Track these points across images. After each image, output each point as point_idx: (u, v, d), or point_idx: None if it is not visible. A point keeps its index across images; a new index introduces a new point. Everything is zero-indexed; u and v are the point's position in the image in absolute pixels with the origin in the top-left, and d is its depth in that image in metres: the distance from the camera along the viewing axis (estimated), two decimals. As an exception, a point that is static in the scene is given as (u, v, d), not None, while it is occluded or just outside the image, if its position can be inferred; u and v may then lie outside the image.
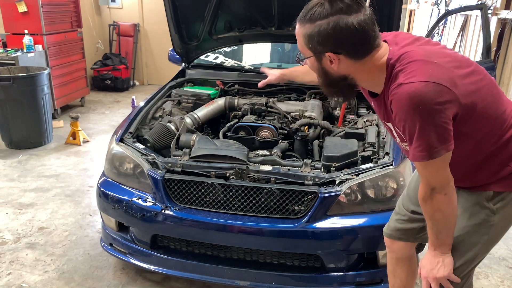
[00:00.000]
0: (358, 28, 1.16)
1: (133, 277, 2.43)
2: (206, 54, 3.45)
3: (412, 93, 1.11)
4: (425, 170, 1.23)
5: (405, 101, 1.13)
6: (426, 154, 1.16)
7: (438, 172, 1.22)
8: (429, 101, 1.11)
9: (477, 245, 1.36)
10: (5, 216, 3.08)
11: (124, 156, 2.25)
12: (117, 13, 7.46)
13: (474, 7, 4.54)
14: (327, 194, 1.93)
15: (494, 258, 2.67)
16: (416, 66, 1.16)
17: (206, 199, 2.06)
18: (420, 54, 1.20)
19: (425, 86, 1.11)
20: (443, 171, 1.22)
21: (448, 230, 1.32)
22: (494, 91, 1.28)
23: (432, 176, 1.23)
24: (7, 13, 5.08)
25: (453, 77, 1.16)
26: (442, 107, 1.12)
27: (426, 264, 1.38)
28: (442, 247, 1.35)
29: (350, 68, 1.25)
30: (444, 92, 1.12)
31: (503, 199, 1.34)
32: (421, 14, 7.84)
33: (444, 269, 1.34)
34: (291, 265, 2.10)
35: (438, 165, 1.20)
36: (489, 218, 1.34)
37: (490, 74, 4.03)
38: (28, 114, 4.29)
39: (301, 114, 2.70)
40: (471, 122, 1.22)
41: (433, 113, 1.12)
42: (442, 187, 1.23)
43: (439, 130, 1.14)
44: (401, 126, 1.19)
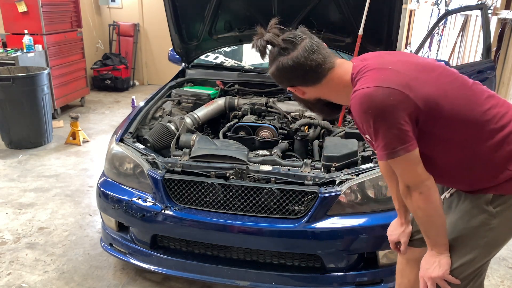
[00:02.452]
0: (296, 63, 1.30)
1: (133, 277, 2.43)
2: (206, 54, 3.45)
3: (363, 98, 1.21)
4: (396, 168, 1.29)
5: (357, 106, 1.22)
6: (385, 154, 1.23)
7: (406, 171, 1.27)
8: (379, 104, 1.19)
9: (475, 248, 1.35)
10: (5, 216, 3.08)
11: (124, 156, 2.25)
12: (117, 13, 7.46)
13: (474, 7, 4.54)
14: (327, 194, 1.93)
15: (494, 258, 2.65)
16: (370, 74, 1.26)
17: (206, 199, 2.06)
18: (376, 63, 1.30)
19: (375, 91, 1.20)
20: (412, 170, 1.26)
21: (436, 229, 1.33)
22: (468, 93, 1.30)
23: (403, 174, 1.28)
24: (7, 13, 5.08)
25: (407, 81, 1.23)
26: (393, 109, 1.18)
27: (423, 263, 1.39)
28: (437, 246, 1.35)
29: (316, 92, 1.38)
30: (395, 94, 1.19)
31: (505, 203, 1.32)
32: (421, 14, 7.85)
33: (439, 269, 1.34)
34: (291, 265, 2.10)
35: (403, 164, 1.25)
36: (488, 221, 1.33)
37: (490, 74, 4.00)
38: (28, 114, 4.29)
39: (301, 114, 2.70)
40: (442, 124, 1.25)
41: (384, 115, 1.19)
42: (416, 186, 1.27)
43: (394, 131, 1.19)
44: (362, 130, 1.28)
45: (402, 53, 1.43)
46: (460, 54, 6.26)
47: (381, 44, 2.81)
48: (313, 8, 2.78)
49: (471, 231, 1.36)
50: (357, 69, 1.31)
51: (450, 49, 6.53)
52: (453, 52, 6.45)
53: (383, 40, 2.78)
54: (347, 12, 2.76)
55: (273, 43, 1.35)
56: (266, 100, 2.86)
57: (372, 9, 2.57)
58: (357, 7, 2.67)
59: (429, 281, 1.36)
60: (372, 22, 2.67)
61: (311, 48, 1.31)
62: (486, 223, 1.33)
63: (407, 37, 8.98)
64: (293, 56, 1.31)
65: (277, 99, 2.92)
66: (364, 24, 2.65)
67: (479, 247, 1.35)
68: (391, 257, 2.02)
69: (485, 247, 1.35)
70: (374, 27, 2.71)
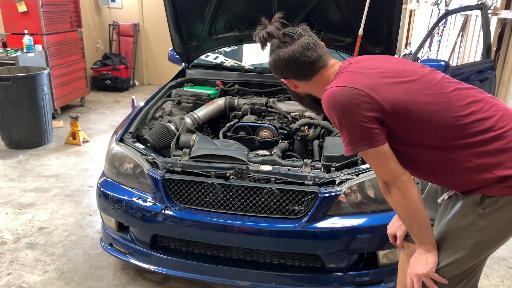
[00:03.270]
0: (291, 57, 1.40)
1: (133, 277, 2.43)
2: (206, 54, 3.45)
3: (329, 96, 1.31)
4: (370, 164, 1.35)
5: (325, 103, 1.33)
6: (349, 148, 1.30)
7: (379, 166, 1.32)
8: (342, 102, 1.27)
9: (463, 248, 1.35)
10: (5, 216, 3.08)
11: (124, 156, 2.25)
12: (117, 13, 7.46)
13: (474, 7, 4.55)
14: (327, 194, 1.93)
15: (494, 258, 2.66)
16: (343, 75, 1.35)
17: (206, 199, 2.06)
18: (354, 67, 1.38)
19: (341, 90, 1.29)
20: (384, 165, 1.31)
21: (419, 225, 1.34)
22: (442, 100, 1.32)
23: (377, 170, 1.34)
24: (7, 13, 5.08)
25: (375, 84, 1.30)
26: (356, 108, 1.26)
27: (411, 260, 1.41)
28: (423, 244, 1.37)
29: (306, 88, 1.48)
30: (360, 95, 1.27)
31: (495, 204, 1.31)
32: (421, 14, 7.85)
33: (425, 266, 1.35)
34: (291, 265, 2.10)
35: (374, 159, 1.32)
36: (476, 222, 1.33)
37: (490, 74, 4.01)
38: (28, 114, 4.29)
39: (301, 114, 2.70)
40: (411, 128, 1.30)
41: (348, 112, 1.27)
42: (392, 181, 1.31)
43: (357, 128, 1.26)
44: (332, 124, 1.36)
45: (388, 59, 1.48)
46: (460, 54, 6.26)
47: (381, 44, 2.81)
48: (313, 8, 2.78)
49: (459, 230, 1.36)
50: (338, 71, 1.40)
51: (450, 49, 6.53)
52: (453, 52, 6.45)
53: (383, 40, 2.78)
54: (347, 12, 2.76)
55: (273, 35, 1.42)
56: (266, 100, 2.86)
57: (372, 9, 2.57)
58: (357, 7, 2.67)
59: (415, 278, 1.38)
60: (372, 22, 2.67)
61: (307, 45, 1.40)
62: (474, 223, 1.33)
63: (407, 37, 8.98)
64: (290, 50, 1.40)
65: (277, 99, 2.92)
66: (364, 24, 2.65)
67: (466, 248, 1.34)
68: (391, 257, 2.02)
69: (473, 248, 1.34)
70: (374, 27, 2.71)
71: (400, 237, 1.65)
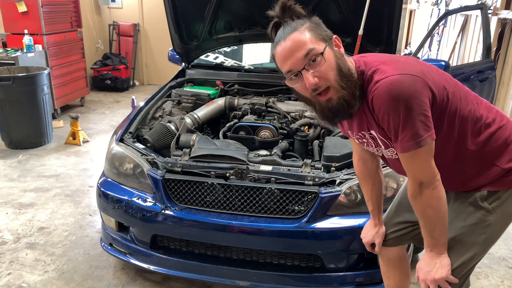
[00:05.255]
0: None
1: (133, 277, 2.43)
2: (206, 54, 3.45)
3: (390, 85, 1.16)
4: (413, 164, 1.25)
5: (385, 94, 1.17)
6: (414, 143, 1.19)
7: (424, 164, 1.24)
8: (406, 90, 1.15)
9: (475, 246, 1.36)
10: (5, 216, 3.08)
11: (124, 156, 2.25)
12: (117, 13, 7.46)
13: (474, 7, 4.55)
14: (327, 194, 1.93)
15: (494, 258, 2.66)
16: (387, 65, 1.22)
17: (206, 199, 2.06)
18: (385, 56, 1.30)
19: (401, 77, 1.17)
20: (429, 163, 1.24)
21: (442, 227, 1.32)
22: (463, 90, 1.33)
23: (420, 170, 1.25)
24: (7, 13, 5.08)
25: (421, 69, 1.22)
26: (419, 95, 1.17)
27: (423, 266, 1.37)
28: (437, 247, 1.34)
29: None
30: (418, 81, 1.18)
31: (499, 198, 1.35)
32: (421, 14, 7.85)
33: (442, 270, 1.34)
34: (291, 265, 2.10)
35: (424, 156, 1.22)
36: (485, 218, 1.35)
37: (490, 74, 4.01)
38: (28, 114, 4.29)
39: (301, 114, 2.70)
40: (442, 117, 1.26)
41: (412, 101, 1.16)
42: (430, 181, 1.25)
43: (421, 118, 1.17)
44: (385, 121, 1.21)
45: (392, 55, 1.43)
46: (460, 54, 6.26)
47: (381, 44, 2.81)
48: (313, 8, 2.78)
49: (469, 229, 1.37)
50: (363, 63, 1.27)
51: (450, 49, 6.53)
52: (453, 52, 6.44)
53: (383, 40, 2.78)
54: (347, 12, 2.76)
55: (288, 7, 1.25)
56: (266, 100, 2.86)
57: (372, 9, 2.57)
58: (357, 7, 2.67)
59: (432, 284, 1.36)
60: (372, 22, 2.67)
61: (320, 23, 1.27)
62: (483, 219, 1.35)
63: (407, 37, 8.97)
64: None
65: (277, 99, 2.92)
66: (364, 24, 2.65)
67: (478, 244, 1.36)
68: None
69: (483, 244, 1.37)
70: (374, 27, 2.71)
71: (379, 244, 1.65)
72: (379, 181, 1.64)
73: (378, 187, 1.64)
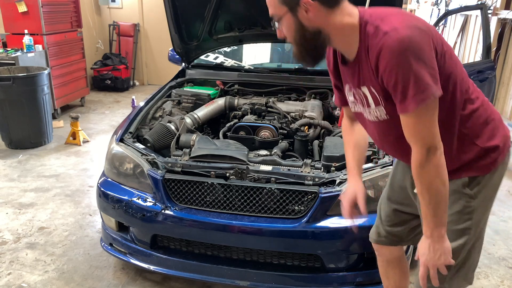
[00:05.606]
0: None
1: (133, 277, 2.43)
2: (206, 54, 3.45)
3: (401, 38, 1.13)
4: (419, 124, 1.21)
5: (396, 46, 1.14)
6: (426, 95, 1.15)
7: (431, 124, 1.21)
8: (417, 42, 1.14)
9: (463, 232, 1.37)
10: (5, 216, 3.08)
11: (124, 156, 2.25)
12: (117, 13, 7.46)
13: (474, 7, 4.55)
14: (327, 194, 1.93)
15: (494, 258, 2.66)
16: (394, 17, 1.20)
17: (206, 199, 2.06)
18: (391, 9, 1.27)
19: (411, 30, 1.15)
20: (435, 123, 1.21)
21: (446, 201, 1.27)
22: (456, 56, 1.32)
23: (427, 131, 1.21)
24: (7, 13, 5.08)
25: (427, 24, 1.21)
26: (428, 48, 1.16)
27: (425, 251, 1.33)
28: (439, 227, 1.29)
29: (324, 20, 1.25)
30: (427, 35, 1.17)
31: (479, 183, 1.36)
32: (421, 14, 7.85)
33: (445, 256, 1.31)
34: (291, 265, 2.10)
35: (431, 114, 1.20)
36: (469, 204, 1.36)
37: (490, 74, 3.99)
38: (28, 114, 4.29)
39: (301, 114, 2.70)
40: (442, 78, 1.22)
41: (423, 53, 1.14)
42: (436, 146, 1.22)
43: (431, 71, 1.15)
44: (393, 76, 1.17)
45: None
46: (460, 54, 6.26)
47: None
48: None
49: (455, 217, 1.37)
50: (367, 14, 1.25)
51: (450, 49, 6.52)
52: (453, 52, 6.43)
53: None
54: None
55: None
56: (266, 100, 2.86)
57: (372, 9, 2.57)
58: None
59: (434, 268, 1.32)
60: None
61: None
62: (467, 206, 1.36)
63: (407, 37, 8.96)
64: None
65: (277, 99, 2.92)
66: (364, 24, 2.65)
67: (466, 230, 1.37)
68: (391, 257, 2.02)
69: (471, 229, 1.38)
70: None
71: (362, 201, 1.55)
72: (364, 143, 1.62)
73: (360, 149, 1.62)
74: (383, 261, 1.77)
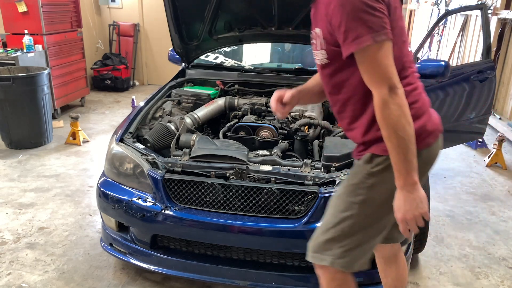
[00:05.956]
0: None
1: (133, 277, 2.43)
2: (206, 54, 3.45)
3: None
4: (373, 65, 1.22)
5: None
6: (370, 36, 1.18)
7: (386, 63, 1.21)
8: None
9: (352, 206, 1.38)
10: (5, 216, 3.08)
11: (124, 156, 2.25)
12: (117, 13, 7.46)
13: (474, 7, 4.54)
14: (327, 194, 1.93)
15: (494, 258, 2.66)
16: None
17: (206, 199, 2.06)
18: None
19: None
20: (392, 60, 1.22)
21: (414, 144, 1.25)
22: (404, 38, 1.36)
23: (382, 71, 1.22)
24: (7, 13, 5.09)
25: None
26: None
27: (402, 205, 1.29)
28: (411, 173, 1.25)
29: None
30: None
31: (381, 164, 1.34)
32: (421, 14, 7.85)
33: (423, 205, 1.27)
34: (291, 265, 2.10)
35: (384, 56, 1.21)
36: (365, 180, 1.37)
37: (490, 74, 3.99)
38: (28, 114, 4.29)
39: (301, 114, 2.70)
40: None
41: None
42: (396, 84, 1.22)
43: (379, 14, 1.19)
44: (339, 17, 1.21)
45: None
46: (460, 54, 6.26)
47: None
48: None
49: (350, 188, 1.40)
50: None
51: (450, 49, 6.53)
52: (453, 52, 6.45)
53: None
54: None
55: None
56: (266, 100, 2.86)
57: None
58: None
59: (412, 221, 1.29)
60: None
61: None
62: (363, 181, 1.38)
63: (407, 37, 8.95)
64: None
65: (277, 99, 2.91)
66: (364, 24, 2.65)
67: (354, 204, 1.38)
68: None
69: (361, 205, 1.38)
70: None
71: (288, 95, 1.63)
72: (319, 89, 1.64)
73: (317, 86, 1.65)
74: (379, 257, 1.77)
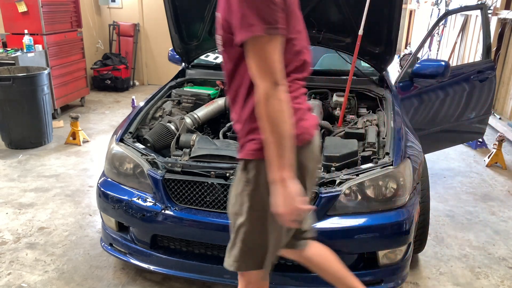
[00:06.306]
0: None
1: (133, 277, 2.43)
2: (206, 54, 3.45)
3: None
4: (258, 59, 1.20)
5: None
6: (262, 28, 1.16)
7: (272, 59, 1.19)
8: None
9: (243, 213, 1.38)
10: (5, 216, 3.08)
11: (124, 156, 2.25)
12: (117, 13, 7.46)
13: (474, 7, 4.55)
14: (327, 194, 1.93)
15: (494, 258, 2.66)
16: None
17: (206, 199, 2.06)
18: None
19: None
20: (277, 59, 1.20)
21: (291, 142, 1.23)
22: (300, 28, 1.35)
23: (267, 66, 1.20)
24: (7, 13, 5.09)
25: None
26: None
27: (279, 200, 1.26)
28: (282, 169, 1.23)
29: None
30: None
31: (253, 169, 1.34)
32: (421, 14, 7.86)
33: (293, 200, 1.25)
34: (291, 265, 2.10)
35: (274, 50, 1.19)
36: (245, 188, 1.37)
37: (490, 74, 3.99)
38: (28, 114, 4.29)
39: (301, 114, 2.69)
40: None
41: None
42: (279, 81, 1.20)
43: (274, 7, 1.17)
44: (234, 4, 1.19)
45: None
46: (460, 54, 6.26)
47: (381, 44, 2.81)
48: (313, 8, 2.78)
49: (238, 198, 1.41)
50: None
51: (450, 49, 6.53)
52: (453, 52, 6.45)
53: (383, 40, 2.78)
54: (347, 12, 2.76)
55: None
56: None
57: (372, 9, 2.57)
58: (357, 7, 2.67)
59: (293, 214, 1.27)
60: (372, 22, 2.67)
61: None
62: (244, 189, 1.38)
63: (407, 37, 8.98)
64: None
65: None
66: (364, 24, 2.65)
67: (244, 212, 1.38)
68: (391, 257, 2.02)
69: (250, 212, 1.38)
70: (374, 27, 2.71)
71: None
72: None
73: None
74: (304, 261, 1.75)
